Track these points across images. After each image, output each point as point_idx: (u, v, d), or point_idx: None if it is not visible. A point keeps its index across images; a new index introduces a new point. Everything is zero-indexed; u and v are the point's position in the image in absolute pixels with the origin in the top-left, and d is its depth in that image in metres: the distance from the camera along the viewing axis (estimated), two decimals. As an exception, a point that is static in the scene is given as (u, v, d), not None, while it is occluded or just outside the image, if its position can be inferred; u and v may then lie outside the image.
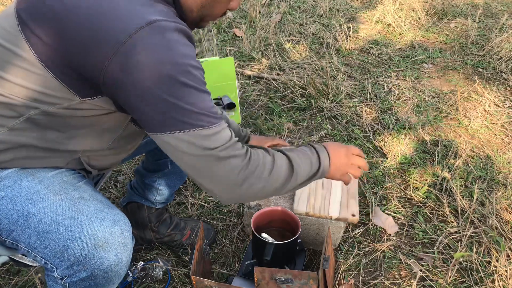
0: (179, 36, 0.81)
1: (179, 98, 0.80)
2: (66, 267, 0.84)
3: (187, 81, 0.80)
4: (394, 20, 3.14)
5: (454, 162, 1.88)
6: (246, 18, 3.18)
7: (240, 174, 0.87)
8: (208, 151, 0.83)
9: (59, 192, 0.88)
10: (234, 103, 2.05)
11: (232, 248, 1.52)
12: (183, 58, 0.80)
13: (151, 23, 0.77)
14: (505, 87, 2.44)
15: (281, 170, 0.94)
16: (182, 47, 0.81)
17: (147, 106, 0.80)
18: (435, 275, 1.43)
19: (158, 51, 0.77)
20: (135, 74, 0.77)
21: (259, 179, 0.90)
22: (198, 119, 0.82)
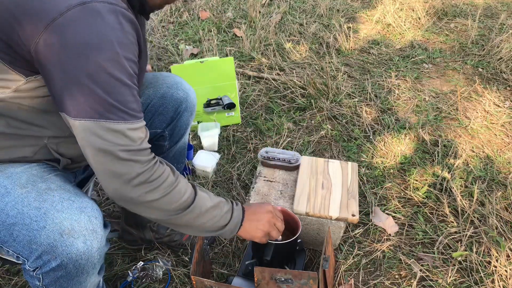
0: (115, 20, 0.78)
1: (97, 85, 0.77)
2: (35, 258, 0.84)
3: (110, 69, 0.78)
4: (394, 20, 3.14)
5: (454, 162, 1.88)
6: (246, 18, 3.18)
7: (135, 180, 0.85)
8: (110, 146, 0.81)
9: (26, 185, 0.88)
10: (234, 103, 2.05)
11: (232, 248, 1.52)
12: (112, 45, 0.77)
13: (85, 3, 0.75)
14: (505, 87, 2.44)
15: (179, 196, 0.92)
16: (115, 32, 0.78)
17: (64, 86, 0.78)
18: (435, 275, 1.43)
19: (86, 33, 0.75)
20: (60, 54, 0.76)
21: (152, 192, 0.88)
22: (110, 110, 0.80)
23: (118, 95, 0.80)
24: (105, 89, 0.78)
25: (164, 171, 0.90)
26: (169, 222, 0.95)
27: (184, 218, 0.95)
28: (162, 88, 1.25)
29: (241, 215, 1.06)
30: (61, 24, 0.74)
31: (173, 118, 1.28)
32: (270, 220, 1.11)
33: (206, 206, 0.98)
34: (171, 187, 0.90)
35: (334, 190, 1.48)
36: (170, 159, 1.37)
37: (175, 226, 0.98)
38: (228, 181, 1.80)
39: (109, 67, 0.77)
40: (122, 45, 0.79)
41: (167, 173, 0.91)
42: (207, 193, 1.01)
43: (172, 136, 1.33)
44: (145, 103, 1.24)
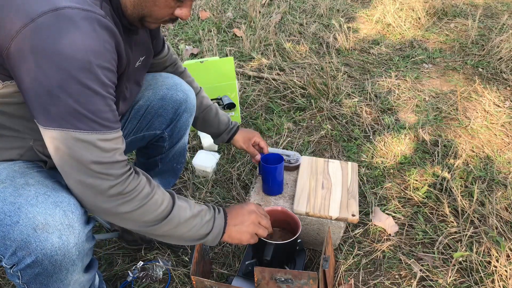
0: (89, 27, 0.76)
1: (68, 95, 0.75)
2: (10, 254, 0.82)
3: (82, 79, 0.75)
4: (394, 20, 3.14)
5: (454, 162, 1.88)
6: (246, 18, 3.18)
7: (108, 192, 0.84)
8: (79, 157, 0.80)
9: (5, 180, 0.86)
10: (234, 103, 2.05)
11: (232, 248, 1.52)
12: (84, 53, 0.75)
13: (57, 9, 0.73)
14: (505, 87, 2.44)
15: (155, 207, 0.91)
16: (88, 40, 0.75)
17: (35, 95, 0.76)
18: (435, 275, 1.43)
19: (57, 40, 0.73)
20: (30, 61, 0.74)
21: (126, 204, 0.87)
22: (80, 120, 0.78)
23: (90, 105, 0.78)
24: (76, 99, 0.76)
25: (139, 182, 0.88)
26: (148, 232, 0.93)
27: (162, 228, 0.93)
28: (162, 90, 1.24)
29: (223, 222, 1.04)
30: (33, 30, 0.73)
31: (172, 119, 1.28)
32: (254, 220, 1.10)
33: (185, 216, 0.96)
34: (146, 199, 0.89)
35: (334, 190, 1.48)
36: (169, 159, 1.37)
37: (155, 236, 0.96)
38: (228, 181, 1.80)
39: (80, 77, 0.75)
40: (96, 53, 0.77)
41: (142, 184, 0.89)
42: (187, 202, 1.00)
43: (171, 137, 1.33)
44: (144, 105, 1.24)
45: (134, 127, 1.24)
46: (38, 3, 0.74)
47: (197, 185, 1.77)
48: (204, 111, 1.41)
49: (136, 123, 1.24)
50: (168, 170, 1.40)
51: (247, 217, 1.10)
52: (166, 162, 1.37)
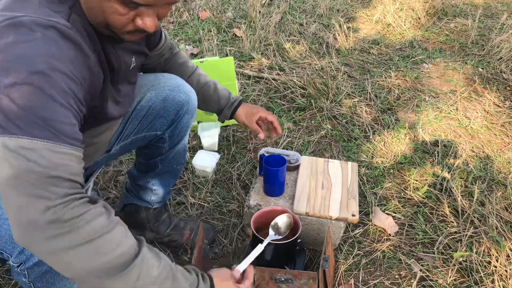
0: (48, 33, 0.71)
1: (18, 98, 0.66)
2: (18, 253, 0.83)
3: (35, 81, 0.68)
4: (394, 20, 3.14)
5: (454, 162, 1.88)
6: (246, 18, 3.18)
7: (44, 215, 0.66)
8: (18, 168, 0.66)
9: None
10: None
11: (232, 248, 1.52)
12: (40, 58, 0.69)
13: (10, 18, 0.70)
14: (505, 87, 2.44)
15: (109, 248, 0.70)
16: (45, 45, 0.70)
17: None
18: (435, 275, 1.43)
19: (10, 45, 0.68)
20: None
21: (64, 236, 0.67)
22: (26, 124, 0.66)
23: (41, 111, 0.67)
24: (28, 103, 0.67)
25: (89, 210, 0.70)
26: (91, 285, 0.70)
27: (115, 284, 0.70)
28: (164, 91, 1.24)
29: None
30: None
31: (173, 120, 1.27)
32: None
33: (151, 274, 0.74)
34: (96, 234, 0.69)
35: (334, 190, 1.48)
36: (169, 160, 1.37)
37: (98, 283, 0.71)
38: (228, 181, 1.80)
39: (35, 80, 0.67)
40: (55, 58, 0.70)
41: (93, 213, 0.70)
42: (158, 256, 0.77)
43: (171, 138, 1.32)
44: (146, 106, 1.23)
45: (135, 128, 1.24)
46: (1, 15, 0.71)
47: (197, 185, 1.77)
48: (202, 89, 1.37)
49: (138, 123, 1.24)
50: (168, 171, 1.40)
51: None
52: (166, 163, 1.37)
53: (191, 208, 1.66)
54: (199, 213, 1.65)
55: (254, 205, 1.46)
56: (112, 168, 1.83)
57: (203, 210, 1.67)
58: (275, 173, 1.42)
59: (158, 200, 1.43)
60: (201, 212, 1.66)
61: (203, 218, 1.63)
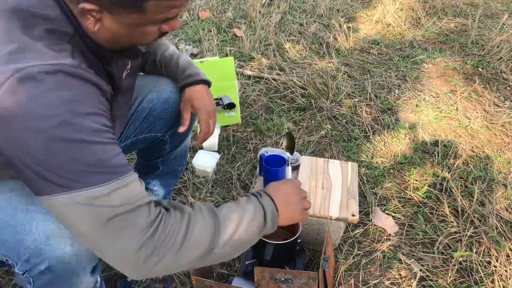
0: (56, 79, 0.68)
1: (56, 156, 0.67)
2: (24, 261, 0.83)
3: (63, 134, 0.67)
4: (394, 20, 3.14)
5: (454, 162, 1.88)
6: (246, 18, 3.18)
7: (142, 249, 0.72)
8: (97, 217, 0.69)
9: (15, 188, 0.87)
10: (234, 103, 2.05)
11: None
12: (58, 108, 0.68)
13: (17, 71, 0.66)
14: (505, 87, 2.44)
15: (199, 233, 0.79)
16: (57, 93, 0.68)
17: (22, 167, 0.69)
18: (435, 275, 1.43)
19: (25, 104, 0.66)
20: (5, 134, 0.68)
21: (167, 252, 0.74)
22: (80, 176, 0.69)
23: (86, 157, 0.69)
24: (67, 157, 0.68)
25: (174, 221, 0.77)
26: (199, 265, 0.82)
27: (211, 256, 0.82)
28: (166, 93, 1.23)
29: (271, 203, 0.94)
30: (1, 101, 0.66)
31: (174, 123, 1.27)
32: (300, 197, 1.01)
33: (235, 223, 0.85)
34: (185, 238, 0.77)
35: (334, 190, 1.48)
36: (170, 162, 1.37)
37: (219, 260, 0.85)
38: (228, 181, 1.80)
39: (62, 133, 0.67)
40: (72, 103, 0.69)
41: (177, 221, 0.78)
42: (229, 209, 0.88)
43: (173, 140, 1.32)
44: (147, 107, 1.23)
45: (136, 129, 1.24)
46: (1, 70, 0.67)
47: (197, 185, 1.77)
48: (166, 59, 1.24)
49: (138, 124, 1.24)
50: (169, 172, 1.39)
51: (293, 197, 1.00)
52: (167, 165, 1.37)
53: (191, 208, 1.66)
54: (199, 213, 1.65)
55: (254, 205, 1.46)
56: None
57: (203, 210, 1.66)
58: (275, 173, 1.42)
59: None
60: (201, 212, 1.66)
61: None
